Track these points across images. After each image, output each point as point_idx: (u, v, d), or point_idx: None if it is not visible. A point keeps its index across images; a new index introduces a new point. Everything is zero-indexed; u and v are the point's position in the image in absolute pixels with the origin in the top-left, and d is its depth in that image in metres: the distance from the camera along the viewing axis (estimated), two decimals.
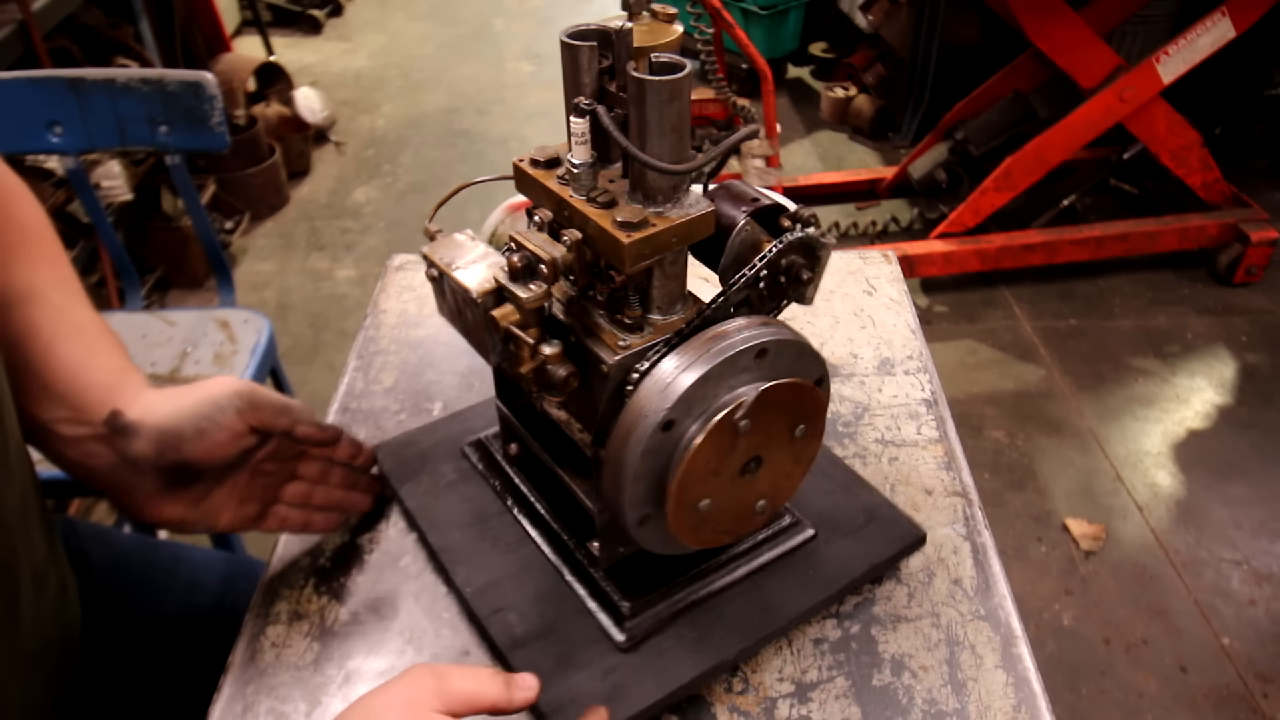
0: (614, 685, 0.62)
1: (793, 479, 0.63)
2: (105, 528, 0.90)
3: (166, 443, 0.62)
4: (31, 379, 0.62)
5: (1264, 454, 2.10)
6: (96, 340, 0.66)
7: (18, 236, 0.68)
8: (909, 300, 1.00)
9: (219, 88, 1.39)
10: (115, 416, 0.61)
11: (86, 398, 0.62)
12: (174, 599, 0.87)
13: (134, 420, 0.62)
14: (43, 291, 0.65)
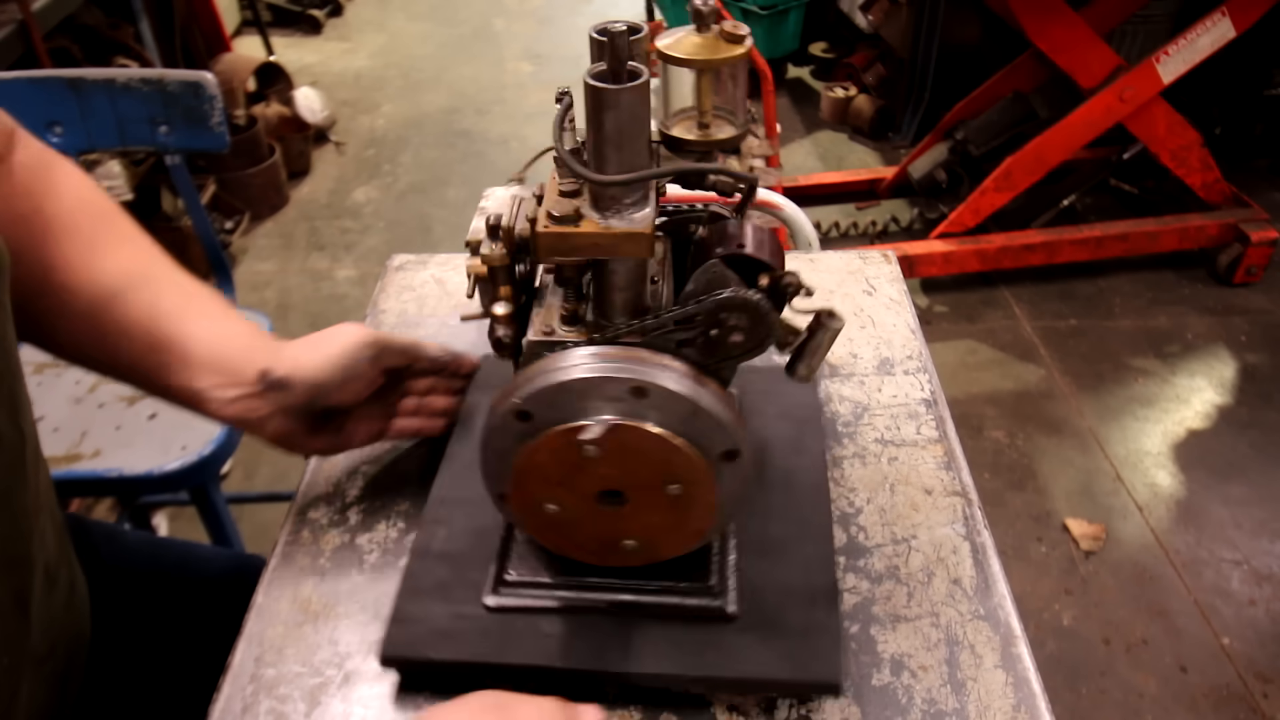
0: (456, 631, 0.64)
1: (674, 540, 0.61)
2: (115, 526, 0.91)
3: (316, 393, 0.70)
4: (170, 354, 0.69)
5: (1264, 454, 2.10)
6: (214, 306, 0.72)
7: (108, 223, 0.72)
8: (909, 300, 1.00)
9: (219, 88, 1.39)
10: (267, 374, 0.69)
11: (233, 362, 0.69)
12: (182, 598, 0.88)
13: (285, 376, 0.69)
14: (151, 272, 0.71)
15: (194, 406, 0.70)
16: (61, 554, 0.69)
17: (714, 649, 0.63)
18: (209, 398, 0.69)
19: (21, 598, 0.61)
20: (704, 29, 0.56)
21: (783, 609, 0.65)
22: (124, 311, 0.69)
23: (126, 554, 0.87)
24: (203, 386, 0.69)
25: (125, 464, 1.27)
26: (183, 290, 0.72)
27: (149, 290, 0.70)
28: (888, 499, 0.77)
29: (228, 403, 0.69)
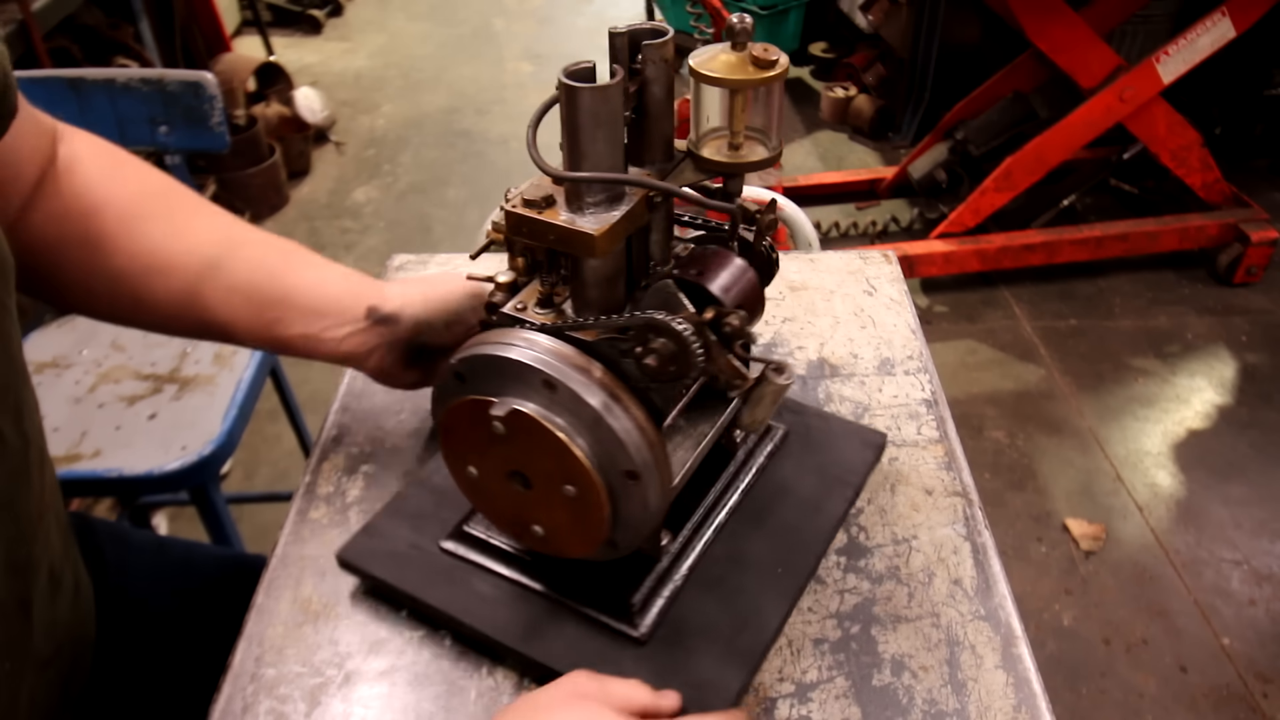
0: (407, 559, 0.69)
1: (575, 541, 0.61)
2: (119, 525, 0.91)
3: (421, 330, 0.75)
4: (282, 309, 0.73)
5: (1264, 454, 2.10)
6: (308, 256, 0.77)
7: (179, 199, 0.75)
8: (909, 300, 1.00)
9: (219, 88, 1.39)
10: (375, 310, 0.74)
11: (340, 303, 0.74)
12: (188, 599, 0.88)
13: (394, 311, 0.74)
14: (238, 236, 0.75)
15: (308, 351, 0.74)
16: (66, 556, 0.69)
17: (609, 665, 0.61)
18: (323, 339, 0.73)
19: (25, 601, 0.61)
20: (739, 47, 0.55)
21: (694, 653, 0.64)
22: (226, 279, 0.72)
23: (130, 553, 0.87)
24: (316, 330, 0.73)
25: (125, 464, 1.27)
26: (274, 247, 0.76)
27: (243, 254, 0.73)
28: (888, 499, 0.77)
29: (341, 340, 0.74)
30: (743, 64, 0.54)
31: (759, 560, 0.70)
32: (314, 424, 1.63)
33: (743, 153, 0.58)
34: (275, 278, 0.74)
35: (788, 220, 1.37)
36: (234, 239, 0.75)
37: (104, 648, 0.76)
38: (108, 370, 1.43)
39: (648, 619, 0.65)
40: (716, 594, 0.67)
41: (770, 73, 0.54)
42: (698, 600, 0.67)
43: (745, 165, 0.58)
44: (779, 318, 0.98)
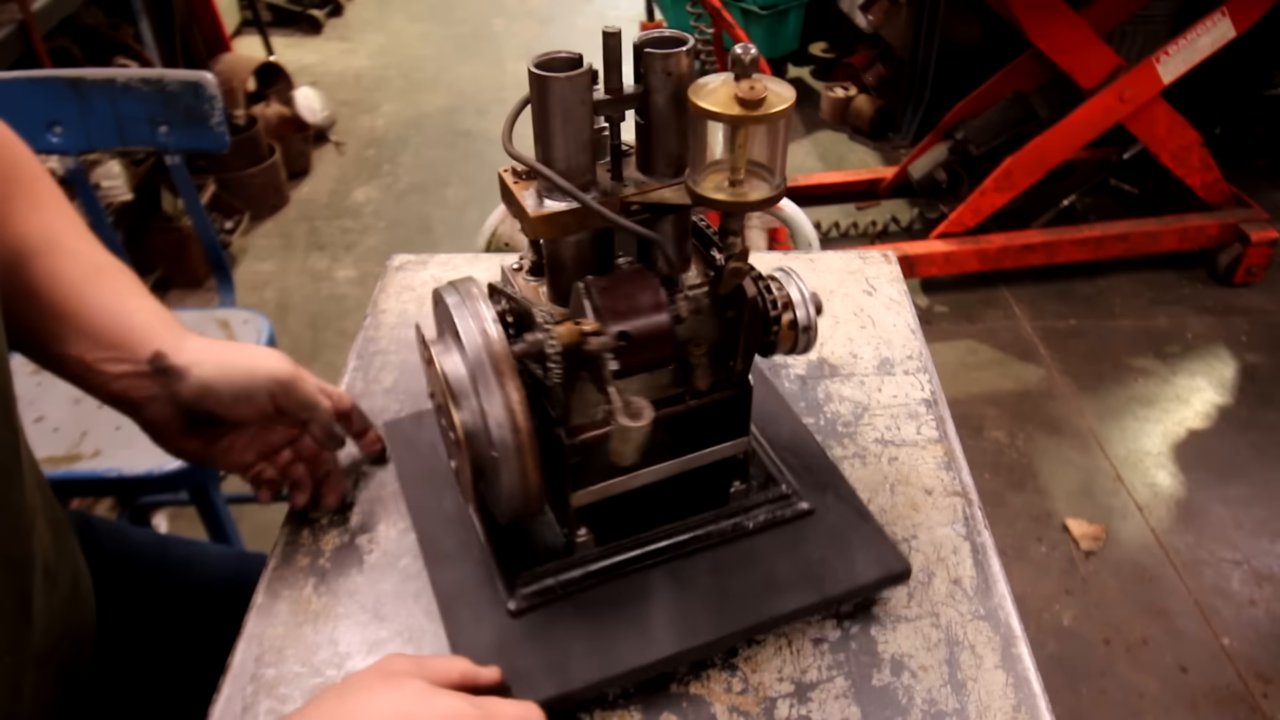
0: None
1: (464, 492, 0.67)
2: (119, 523, 0.91)
3: (206, 395, 0.68)
4: (65, 323, 0.67)
5: (1264, 454, 2.10)
6: (122, 282, 0.71)
7: (20, 186, 0.70)
8: (909, 300, 1.00)
9: (219, 88, 1.39)
10: (159, 358, 0.67)
11: (129, 338, 0.67)
12: (188, 597, 0.88)
13: (181, 365, 0.68)
14: (59, 238, 0.70)
15: (81, 379, 0.69)
16: (61, 551, 0.69)
17: (472, 624, 0.65)
18: (97, 370, 0.67)
19: (23, 597, 0.61)
20: (744, 79, 0.52)
21: (546, 645, 0.64)
22: (28, 276, 0.67)
23: (131, 551, 0.87)
24: (91, 359, 0.67)
25: (125, 464, 1.27)
26: (92, 263, 0.70)
27: (58, 256, 0.68)
28: (888, 499, 0.77)
29: (114, 378, 0.68)
30: (725, 93, 0.52)
31: (681, 601, 0.67)
32: None
33: (743, 190, 0.56)
34: (74, 289, 0.68)
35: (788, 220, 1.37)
36: (52, 242, 0.69)
37: (104, 645, 0.76)
38: None
39: (521, 596, 0.66)
40: (615, 608, 0.66)
41: (775, 109, 0.52)
42: (591, 604, 0.66)
43: (743, 205, 0.56)
44: None
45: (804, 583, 0.67)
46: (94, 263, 0.70)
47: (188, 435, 0.72)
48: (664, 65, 0.55)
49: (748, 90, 0.51)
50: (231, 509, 1.43)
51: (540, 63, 0.55)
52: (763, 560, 0.69)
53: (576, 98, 0.55)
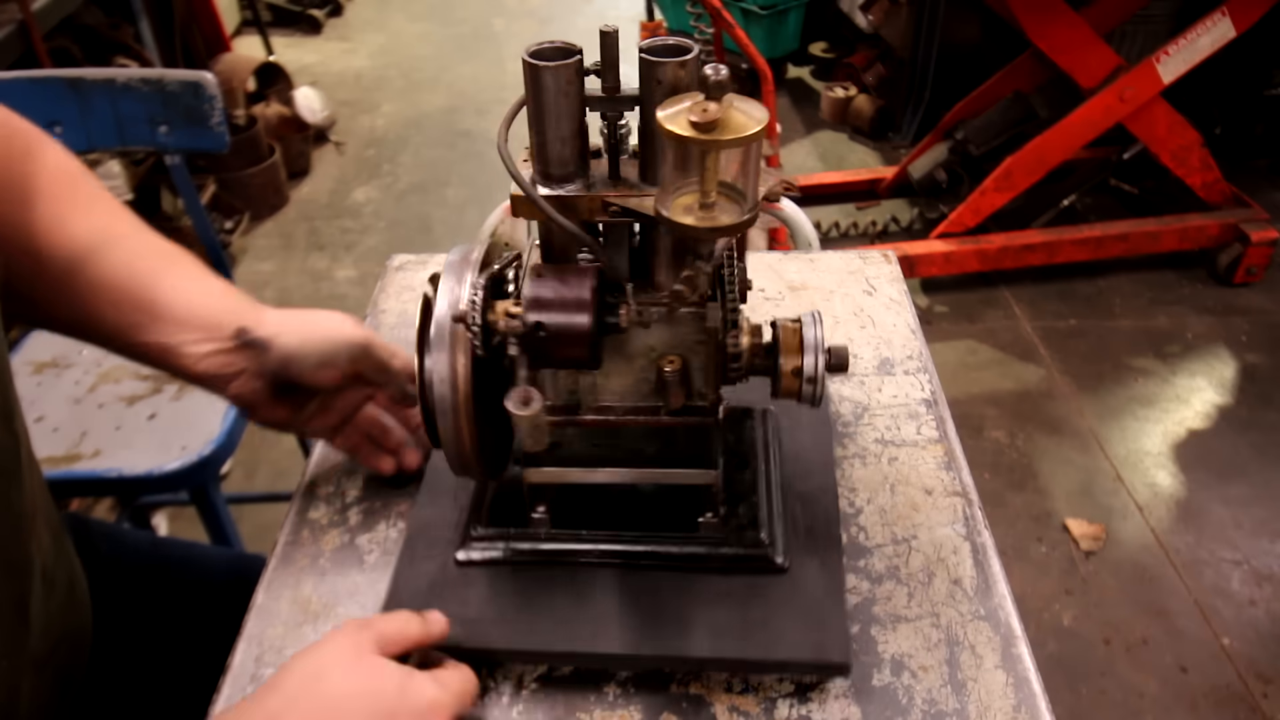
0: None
1: None
2: (115, 526, 0.91)
3: (290, 365, 0.71)
4: (146, 312, 0.69)
5: (1264, 454, 2.10)
6: (191, 265, 0.73)
7: (72, 187, 0.72)
8: (909, 300, 1.00)
9: (219, 88, 1.39)
10: (244, 333, 0.70)
11: (211, 318, 0.70)
12: (184, 598, 0.88)
13: (265, 337, 0.70)
14: (122, 230, 0.71)
15: (166, 362, 0.70)
16: (59, 555, 0.69)
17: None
18: (183, 352, 0.69)
19: (21, 602, 0.61)
20: (714, 100, 0.50)
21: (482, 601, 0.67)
22: (98, 270, 0.68)
23: (127, 553, 0.87)
24: (177, 341, 0.69)
25: (125, 464, 1.27)
26: (158, 249, 0.72)
27: (123, 248, 0.70)
28: (888, 499, 0.77)
29: (201, 357, 0.69)
30: (719, 120, 0.51)
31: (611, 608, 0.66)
32: None
33: (714, 214, 0.54)
34: (147, 277, 0.69)
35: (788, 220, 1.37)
36: (120, 232, 0.71)
37: (102, 647, 0.76)
38: (108, 370, 1.43)
39: (471, 548, 0.70)
40: (549, 590, 0.68)
41: (747, 132, 0.50)
42: (531, 580, 0.69)
43: (711, 230, 0.54)
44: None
45: (732, 636, 0.64)
46: (160, 250, 0.72)
47: (275, 404, 0.73)
48: (657, 73, 0.54)
49: (701, 113, 0.49)
50: (231, 509, 1.43)
51: (534, 51, 0.55)
52: (707, 599, 0.66)
53: (560, 87, 0.55)
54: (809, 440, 0.78)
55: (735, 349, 0.61)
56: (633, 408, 0.64)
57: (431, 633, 0.61)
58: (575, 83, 0.56)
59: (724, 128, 0.50)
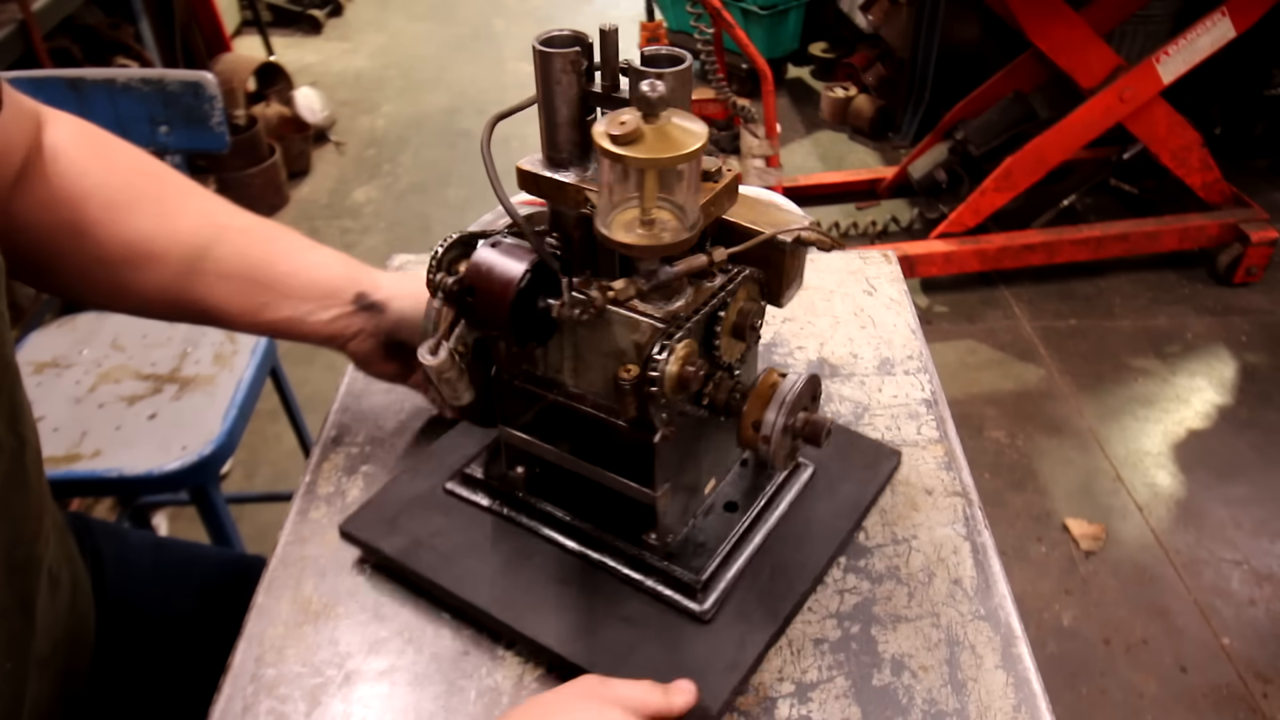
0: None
1: None
2: (118, 526, 0.91)
3: (403, 325, 0.76)
4: (270, 291, 0.74)
5: (1264, 454, 2.10)
6: (297, 239, 0.77)
7: (168, 184, 0.76)
8: (909, 300, 1.00)
9: (219, 88, 1.39)
10: (363, 297, 0.75)
11: (331, 286, 0.75)
12: (186, 598, 0.88)
13: (382, 300, 0.76)
14: (227, 220, 0.76)
15: (294, 332, 0.75)
16: (63, 556, 0.69)
17: (836, 502, 0.72)
18: (309, 321, 0.74)
19: (27, 602, 0.61)
20: (651, 118, 0.49)
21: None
22: (214, 266, 0.73)
23: (129, 553, 0.87)
24: (302, 313, 0.74)
25: (125, 464, 1.27)
26: (261, 231, 0.76)
27: (230, 239, 0.74)
28: (888, 499, 0.77)
29: (325, 323, 0.75)
30: (655, 137, 0.49)
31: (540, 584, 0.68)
32: (314, 424, 1.63)
33: (654, 231, 0.53)
34: (264, 263, 0.74)
35: None
36: (221, 224, 0.75)
37: (103, 648, 0.76)
38: (108, 370, 1.43)
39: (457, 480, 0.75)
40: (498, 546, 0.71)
41: (683, 151, 0.49)
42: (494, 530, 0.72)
43: (651, 249, 0.53)
44: (779, 318, 0.98)
45: (611, 653, 0.63)
46: (266, 231, 0.76)
47: (386, 360, 0.79)
48: (637, 86, 0.52)
49: (619, 126, 0.48)
50: (231, 509, 1.43)
51: (544, 38, 0.56)
52: (620, 613, 0.66)
53: (558, 74, 0.55)
54: (828, 510, 0.73)
55: (655, 372, 0.56)
56: (597, 404, 0.63)
57: (674, 704, 0.58)
58: (570, 72, 0.56)
59: (662, 145, 0.49)
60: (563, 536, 0.71)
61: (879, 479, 0.77)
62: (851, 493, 0.75)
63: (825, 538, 0.71)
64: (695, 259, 0.57)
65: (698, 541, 0.69)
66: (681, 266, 0.57)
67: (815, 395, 0.65)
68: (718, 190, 0.57)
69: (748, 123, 2.47)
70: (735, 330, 0.62)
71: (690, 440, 0.65)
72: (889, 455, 0.79)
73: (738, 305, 0.61)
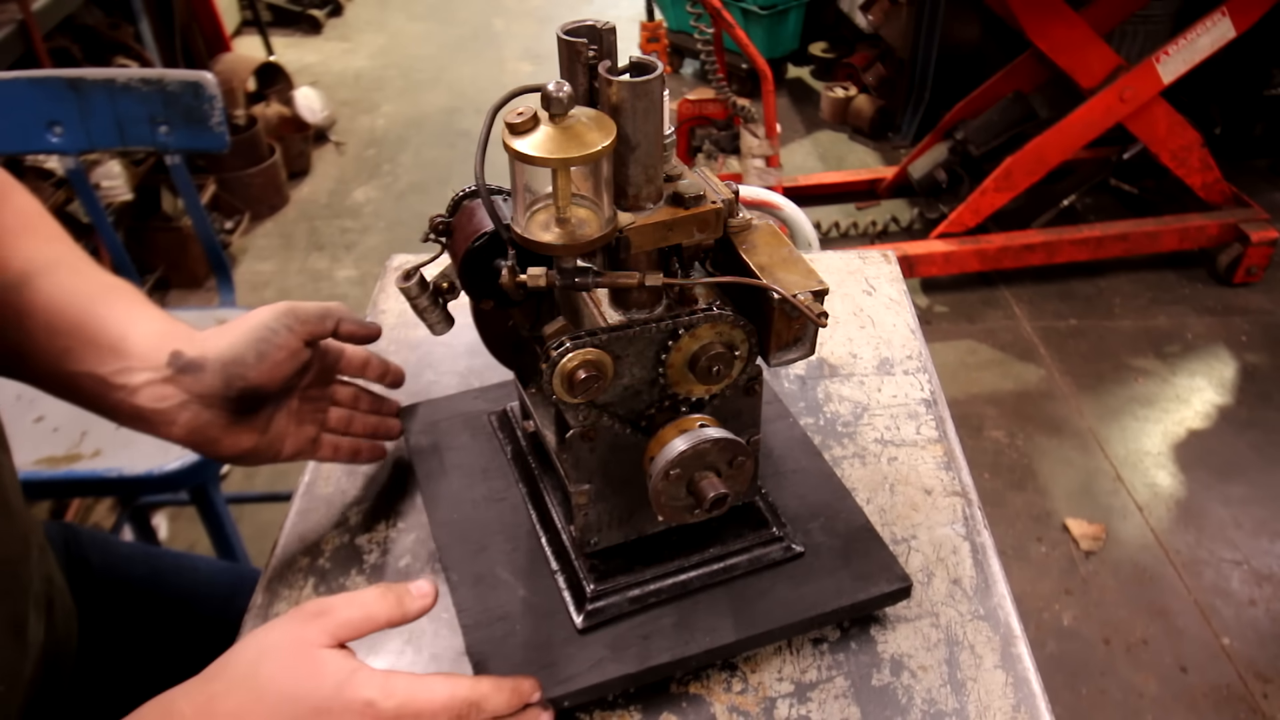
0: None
1: None
2: (107, 535, 0.90)
3: (232, 371, 0.64)
4: (77, 339, 0.63)
5: (1264, 454, 2.10)
6: (131, 296, 0.67)
7: (23, 219, 0.69)
8: (909, 300, 1.00)
9: (219, 88, 1.39)
10: (178, 355, 0.64)
11: (145, 344, 0.64)
12: (177, 608, 0.86)
13: (198, 356, 0.64)
14: (65, 260, 0.67)
15: (95, 398, 0.65)
16: (47, 574, 0.68)
17: (800, 592, 0.66)
18: (112, 384, 0.63)
19: (18, 624, 0.60)
20: (559, 118, 0.50)
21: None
22: (27, 297, 0.64)
23: (119, 564, 0.85)
24: (108, 372, 0.63)
25: (125, 464, 1.27)
26: (96, 280, 0.67)
27: (57, 277, 0.65)
28: (888, 499, 0.77)
29: (132, 391, 0.63)
30: (564, 136, 0.50)
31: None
32: None
33: (570, 228, 0.53)
34: (79, 306, 0.64)
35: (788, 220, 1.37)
36: (58, 260, 0.67)
37: (91, 660, 0.75)
38: None
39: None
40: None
41: (591, 150, 0.49)
42: None
43: (570, 247, 0.53)
44: None
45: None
46: (102, 281, 0.67)
47: (236, 431, 0.66)
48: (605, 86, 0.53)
49: (516, 116, 0.49)
50: (231, 509, 1.43)
51: (569, 28, 0.54)
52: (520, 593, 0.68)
53: (567, 61, 0.55)
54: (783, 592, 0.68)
55: (545, 364, 0.56)
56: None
57: (409, 610, 0.54)
58: (578, 62, 0.55)
59: (568, 144, 0.49)
60: (529, 503, 0.74)
61: (863, 593, 0.66)
62: (819, 592, 0.66)
63: (752, 618, 0.65)
64: (621, 275, 0.56)
65: (626, 559, 0.67)
66: (605, 279, 0.56)
67: (734, 460, 0.59)
68: (681, 216, 0.55)
69: (748, 123, 2.47)
70: (694, 365, 0.58)
71: (632, 458, 0.62)
72: (895, 578, 0.67)
73: (699, 340, 0.57)
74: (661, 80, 0.52)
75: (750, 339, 0.60)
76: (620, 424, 0.60)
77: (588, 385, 0.56)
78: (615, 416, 0.60)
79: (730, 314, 0.57)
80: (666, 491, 0.59)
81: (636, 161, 0.54)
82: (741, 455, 0.59)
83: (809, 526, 0.71)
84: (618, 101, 0.52)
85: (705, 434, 0.58)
